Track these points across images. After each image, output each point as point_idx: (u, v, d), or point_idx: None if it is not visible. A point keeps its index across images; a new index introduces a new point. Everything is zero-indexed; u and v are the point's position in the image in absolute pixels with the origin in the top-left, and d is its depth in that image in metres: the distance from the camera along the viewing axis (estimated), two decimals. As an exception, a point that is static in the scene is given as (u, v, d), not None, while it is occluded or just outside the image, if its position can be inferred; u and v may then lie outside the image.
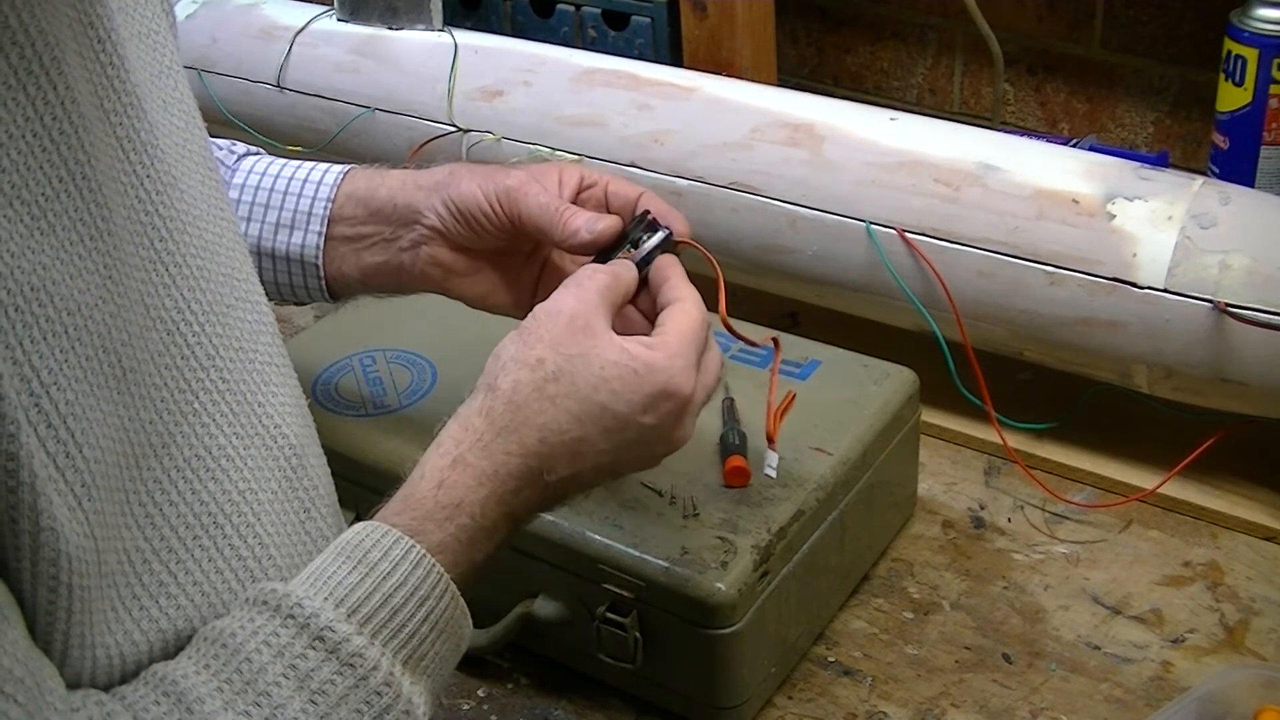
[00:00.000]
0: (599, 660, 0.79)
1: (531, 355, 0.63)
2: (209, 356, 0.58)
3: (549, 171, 0.75)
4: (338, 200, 0.79)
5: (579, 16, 1.32)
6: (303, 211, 0.79)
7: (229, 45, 1.27)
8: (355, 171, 0.80)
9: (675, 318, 0.66)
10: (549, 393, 0.62)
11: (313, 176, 0.80)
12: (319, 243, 0.79)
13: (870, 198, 0.95)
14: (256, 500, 0.58)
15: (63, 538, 0.47)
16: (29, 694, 0.46)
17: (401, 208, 0.77)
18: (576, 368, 0.62)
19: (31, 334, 0.47)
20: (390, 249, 0.78)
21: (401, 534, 0.58)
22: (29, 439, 0.46)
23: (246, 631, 0.53)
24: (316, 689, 0.53)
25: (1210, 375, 0.86)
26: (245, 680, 0.52)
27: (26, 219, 0.48)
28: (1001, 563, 0.89)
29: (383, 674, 0.54)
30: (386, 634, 0.55)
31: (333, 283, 0.80)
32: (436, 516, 0.59)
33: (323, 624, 0.54)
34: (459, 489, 0.60)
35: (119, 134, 0.55)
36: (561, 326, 0.63)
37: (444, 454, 0.61)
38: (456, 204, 0.75)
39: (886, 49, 1.39)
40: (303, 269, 0.80)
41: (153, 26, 0.62)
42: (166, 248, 0.57)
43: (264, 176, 0.81)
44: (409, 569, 0.57)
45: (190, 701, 0.51)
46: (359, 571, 0.56)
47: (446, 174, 0.76)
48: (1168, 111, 1.25)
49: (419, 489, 0.60)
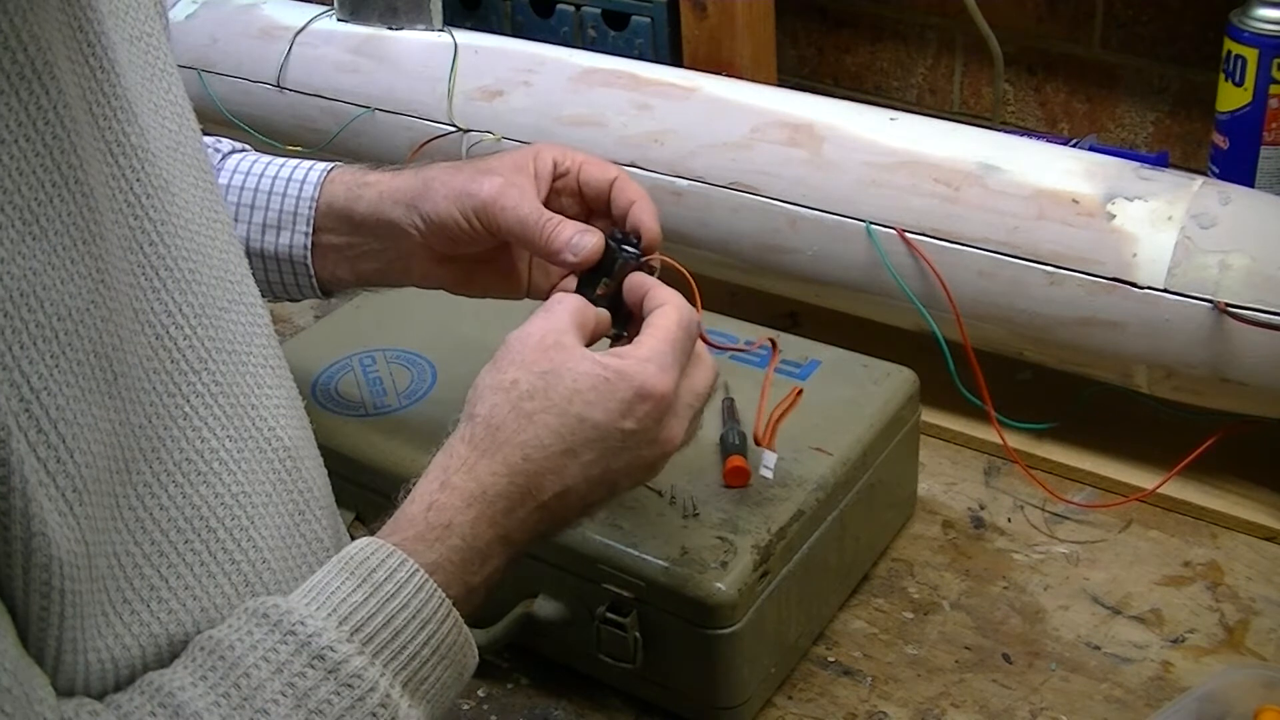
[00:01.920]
0: (599, 660, 0.79)
1: (505, 379, 0.63)
2: (200, 359, 0.58)
3: (524, 163, 0.74)
4: (319, 209, 0.79)
5: (579, 16, 1.32)
6: (288, 212, 0.79)
7: (229, 45, 1.27)
8: (334, 175, 0.80)
9: (652, 323, 0.66)
10: (525, 410, 0.62)
11: (296, 175, 0.80)
12: (306, 243, 0.79)
13: (870, 198, 0.95)
14: (250, 503, 0.58)
15: (54, 543, 0.47)
16: (18, 704, 0.46)
17: (383, 223, 0.77)
18: (550, 383, 0.63)
19: (21, 339, 0.47)
20: (382, 260, 0.79)
21: (406, 556, 0.58)
22: (19, 444, 0.46)
23: (245, 645, 0.53)
24: (314, 708, 0.52)
25: (1210, 375, 0.86)
26: (243, 695, 0.52)
27: (18, 224, 0.47)
28: (1001, 563, 0.89)
29: (380, 695, 0.54)
30: (387, 655, 0.55)
31: (325, 282, 0.81)
32: (427, 537, 0.59)
33: (324, 644, 0.54)
34: (448, 510, 0.60)
35: (107, 138, 0.55)
36: (531, 347, 0.64)
37: (432, 479, 0.62)
38: (432, 219, 0.74)
39: (886, 49, 1.39)
40: (293, 268, 0.80)
41: (145, 29, 0.62)
42: (156, 252, 0.57)
43: (248, 176, 0.81)
44: (412, 592, 0.57)
45: (188, 715, 0.51)
46: (363, 591, 0.56)
47: (420, 185, 0.75)
48: (1168, 111, 1.25)
49: (409, 511, 0.61)
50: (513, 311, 0.85)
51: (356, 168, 0.80)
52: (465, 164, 0.76)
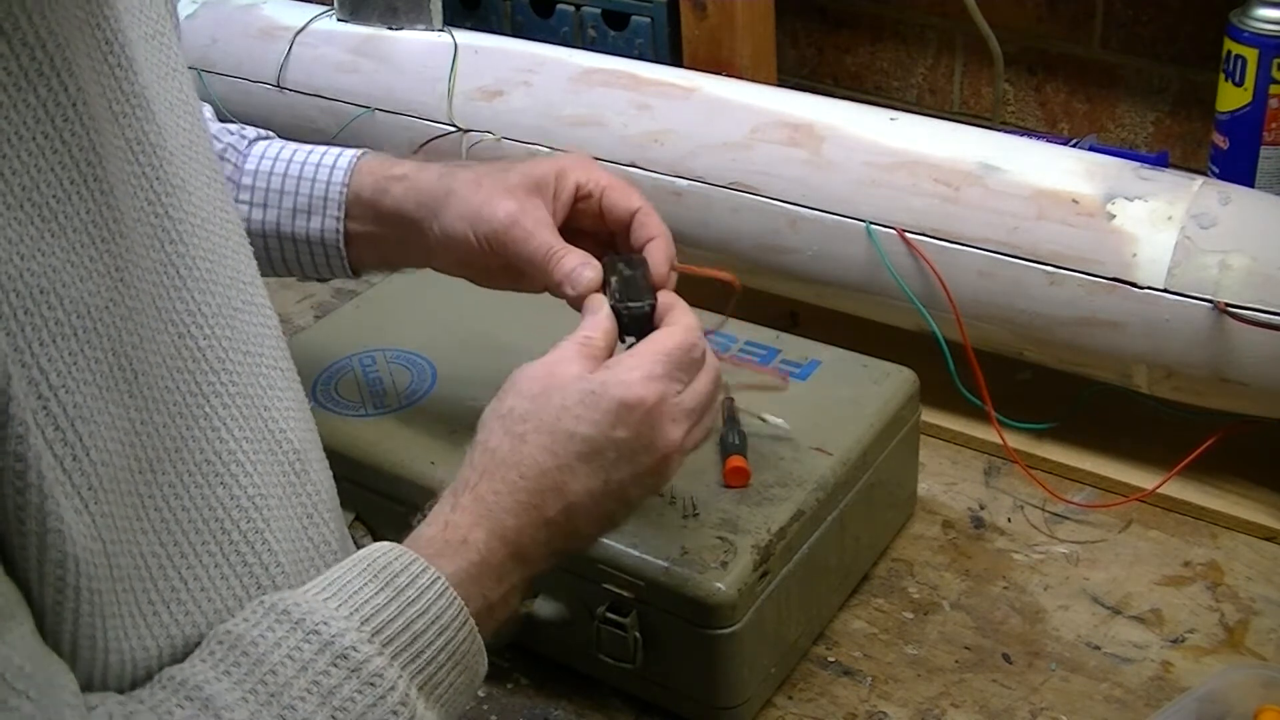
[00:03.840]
0: (599, 660, 0.79)
1: (503, 407, 0.66)
2: (219, 360, 0.58)
3: (546, 180, 0.75)
4: (348, 198, 0.81)
5: (579, 16, 1.32)
6: (319, 197, 0.81)
7: (229, 45, 1.27)
8: (363, 165, 0.81)
9: (651, 337, 0.68)
10: (517, 432, 0.64)
11: (325, 161, 0.81)
12: (338, 228, 0.81)
13: (870, 198, 0.95)
14: (266, 505, 0.58)
15: (69, 539, 0.47)
16: (42, 691, 0.46)
17: (406, 219, 0.78)
18: (539, 405, 0.64)
19: (41, 336, 0.47)
20: (409, 252, 0.81)
21: (428, 563, 0.59)
22: (36, 440, 0.46)
23: (268, 642, 0.54)
24: (339, 705, 0.53)
25: (1210, 375, 0.86)
26: (270, 691, 0.52)
27: (37, 221, 0.48)
28: (1001, 563, 0.89)
29: (399, 694, 0.55)
30: (406, 658, 0.56)
31: (356, 263, 0.83)
32: (445, 553, 0.61)
33: (347, 644, 0.54)
34: (461, 528, 0.62)
35: (128, 135, 0.55)
36: (529, 378, 0.66)
37: (444, 504, 0.64)
38: (446, 235, 0.76)
39: (886, 49, 1.39)
40: (324, 250, 0.82)
41: (159, 28, 0.62)
42: (177, 250, 0.57)
43: (276, 161, 0.82)
44: (433, 597, 0.58)
45: (218, 708, 0.51)
46: (385, 594, 0.57)
47: (442, 194, 0.76)
48: (1168, 111, 1.25)
49: (426, 533, 0.62)
50: (513, 312, 0.85)
51: (385, 157, 0.82)
52: (487, 174, 0.76)
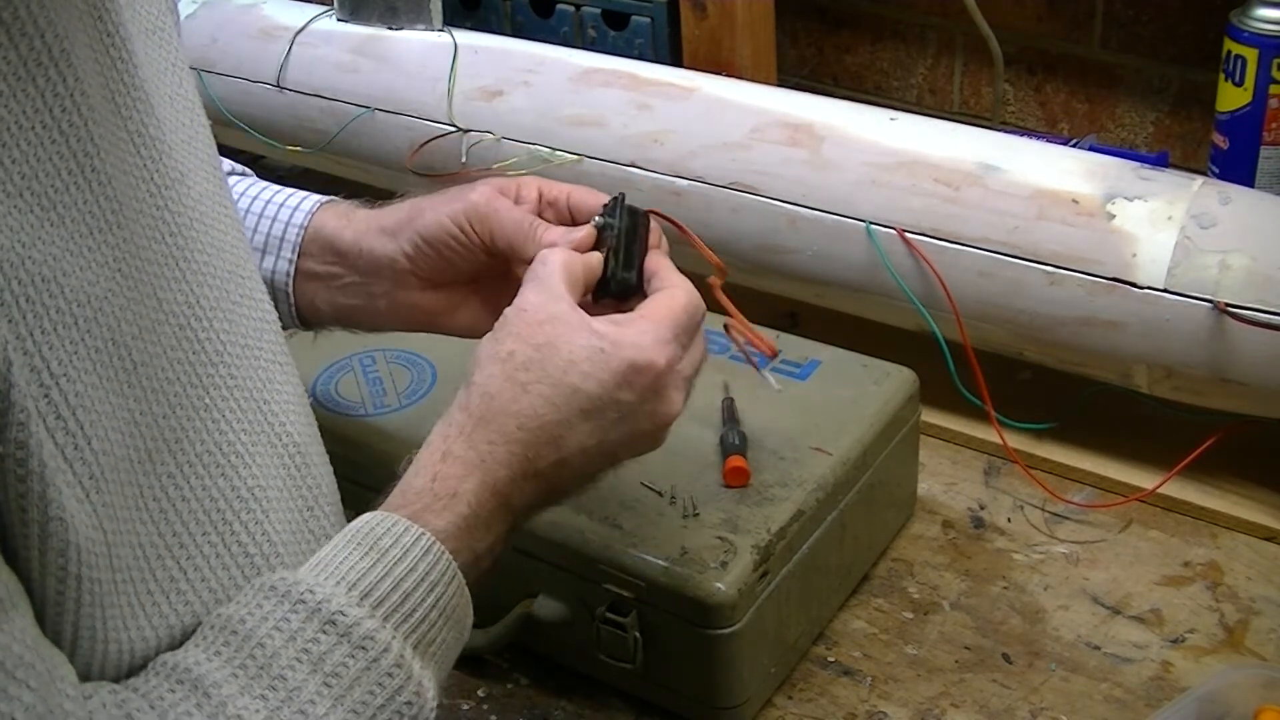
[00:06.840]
0: (599, 660, 0.79)
1: (502, 349, 0.64)
2: (218, 352, 0.58)
3: (506, 189, 0.74)
4: (306, 235, 0.78)
5: (579, 16, 1.32)
6: (275, 236, 0.78)
7: (229, 45, 1.27)
8: (327, 207, 0.79)
9: (657, 299, 0.67)
10: (520, 380, 0.63)
11: (289, 202, 0.79)
12: (289, 269, 0.78)
13: (870, 198, 0.95)
14: (266, 497, 0.58)
15: (71, 528, 0.47)
16: (40, 680, 0.46)
17: (367, 254, 0.76)
18: (545, 355, 0.63)
19: (42, 325, 0.47)
20: (363, 294, 0.77)
21: (411, 522, 0.58)
22: (38, 428, 0.46)
23: (256, 618, 0.54)
24: (331, 671, 0.53)
25: (1210, 375, 0.86)
26: (259, 665, 0.52)
27: (36, 210, 0.48)
28: (1001, 563, 0.89)
29: (394, 656, 0.55)
30: (398, 618, 0.56)
31: (304, 311, 0.79)
32: (434, 507, 0.60)
33: (334, 608, 0.54)
34: (451, 480, 0.61)
35: (129, 128, 0.55)
36: (527, 320, 0.65)
37: (433, 450, 0.63)
38: (425, 237, 0.74)
39: (886, 49, 1.39)
40: (273, 294, 0.77)
41: (159, 23, 0.62)
42: (177, 242, 0.57)
43: (241, 198, 0.79)
44: (419, 555, 0.57)
45: (207, 686, 0.51)
46: (370, 558, 0.56)
47: (409, 210, 0.75)
48: (1168, 111, 1.25)
49: (414, 484, 0.61)
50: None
51: (351, 201, 0.80)
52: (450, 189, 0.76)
